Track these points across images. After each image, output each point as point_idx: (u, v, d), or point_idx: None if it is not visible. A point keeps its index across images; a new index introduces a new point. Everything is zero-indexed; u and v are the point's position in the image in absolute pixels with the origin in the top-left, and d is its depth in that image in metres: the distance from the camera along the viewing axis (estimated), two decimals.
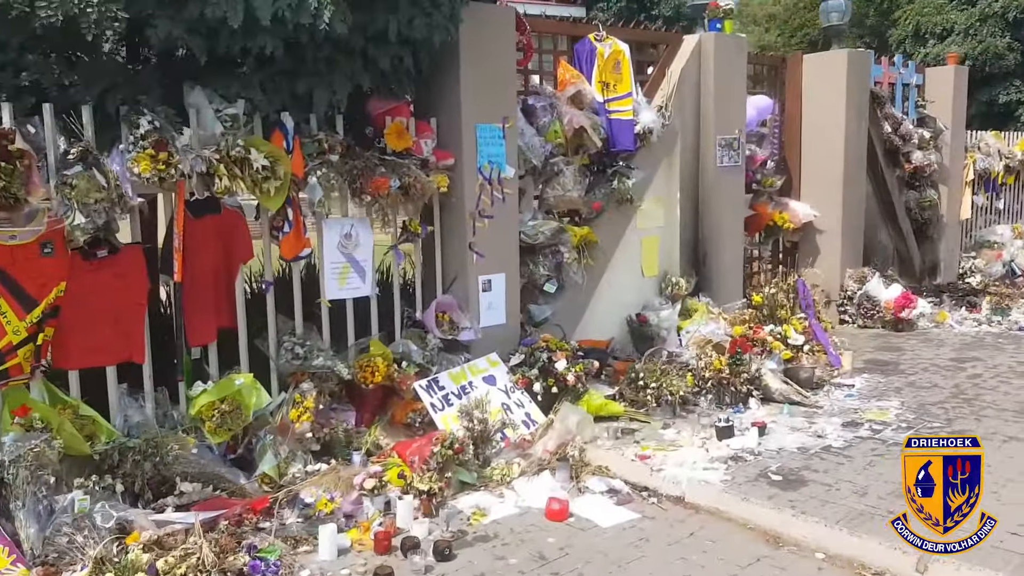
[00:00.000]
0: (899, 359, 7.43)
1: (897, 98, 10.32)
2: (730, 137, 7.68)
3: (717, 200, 7.66)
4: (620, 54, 6.89)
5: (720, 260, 7.73)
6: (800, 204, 9.25)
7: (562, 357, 5.75)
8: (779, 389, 6.21)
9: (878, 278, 9.06)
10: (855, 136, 9.09)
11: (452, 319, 5.74)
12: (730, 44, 7.63)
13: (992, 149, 11.99)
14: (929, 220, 10.71)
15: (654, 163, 7.28)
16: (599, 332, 6.97)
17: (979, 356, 7.44)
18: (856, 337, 8.46)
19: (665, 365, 6.22)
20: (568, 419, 5.32)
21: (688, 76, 7.47)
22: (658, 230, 7.52)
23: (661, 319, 7.23)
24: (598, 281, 6.94)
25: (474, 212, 5.74)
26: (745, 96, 7.91)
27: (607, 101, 6.82)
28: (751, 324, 7.06)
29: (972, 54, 16.14)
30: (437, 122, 5.72)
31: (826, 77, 9.05)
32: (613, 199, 6.87)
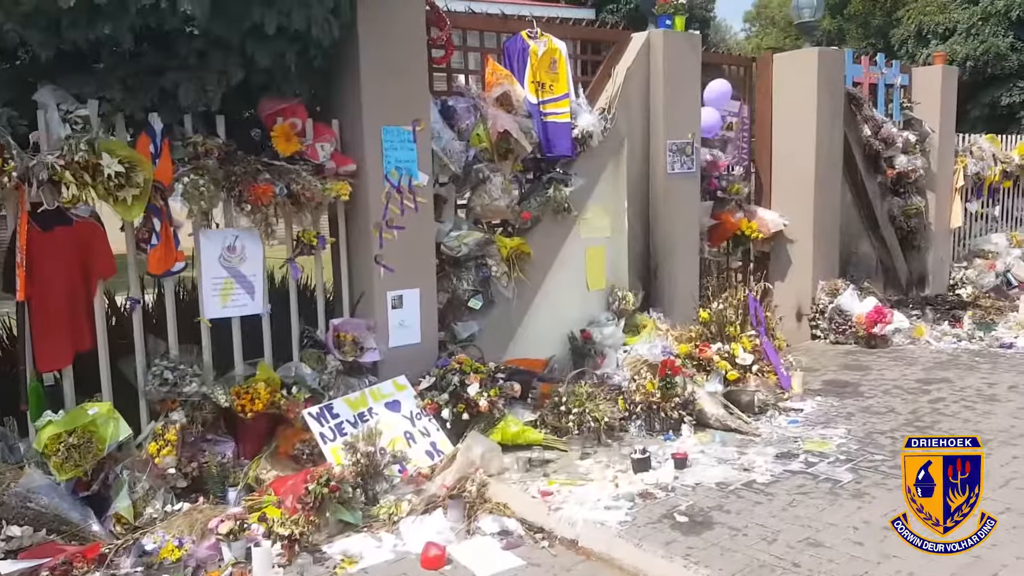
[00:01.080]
0: (861, 380, 6.95)
1: (879, 100, 9.83)
2: (682, 142, 7.23)
3: (668, 209, 7.22)
4: (556, 52, 6.47)
5: (673, 272, 7.28)
6: (769, 212, 8.79)
7: (476, 380, 5.33)
8: (715, 415, 5.77)
9: (852, 291, 8.57)
10: (828, 140, 8.61)
11: (356, 339, 5.34)
12: (681, 42, 7.19)
13: (986, 153, 11.45)
14: (915, 229, 10.20)
15: (597, 169, 6.85)
16: (538, 350, 6.55)
17: (949, 377, 6.95)
18: (824, 354, 7.98)
19: (594, 388, 5.78)
20: (472, 450, 4.89)
21: (635, 77, 7.03)
22: (604, 241, 7.09)
23: (605, 336, 6.81)
24: (535, 295, 6.52)
25: (380, 223, 5.34)
26: (699, 98, 7.46)
27: (542, 103, 6.40)
28: (697, 342, 6.62)
29: (974, 54, 15.59)
30: (340, 124, 5.33)
31: (796, 77, 8.58)
32: (549, 208, 6.44)
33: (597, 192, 6.91)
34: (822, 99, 8.47)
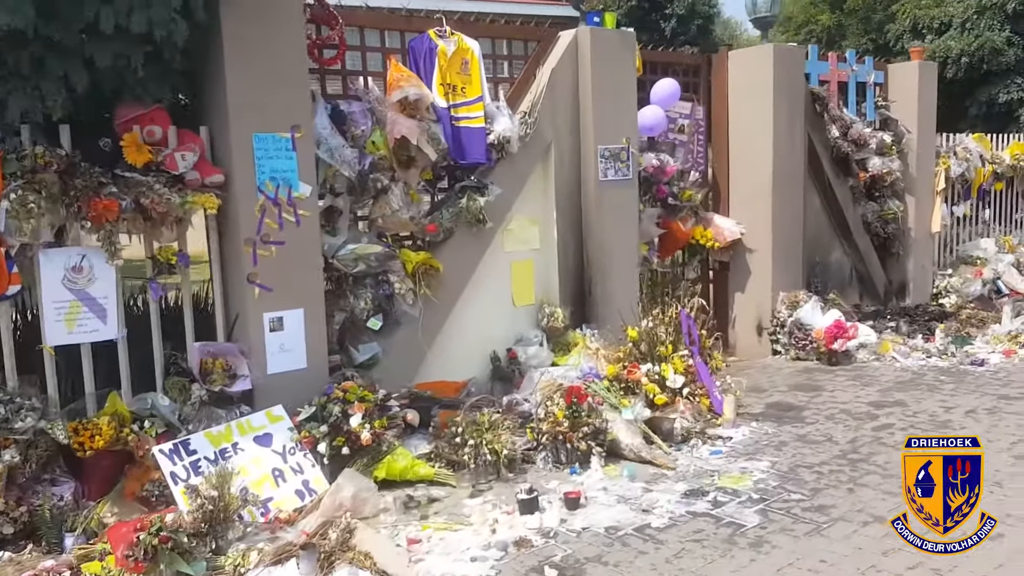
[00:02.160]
0: (808, 403, 6.49)
1: (850, 98, 9.36)
2: (616, 147, 6.81)
3: (601, 218, 6.79)
4: (467, 52, 6.08)
5: (609, 286, 6.85)
6: (726, 220, 8.35)
7: (360, 410, 4.93)
8: (630, 445, 5.33)
9: (814, 303, 8.10)
10: (787, 142, 8.15)
11: (228, 365, 4.95)
12: (612, 40, 6.76)
13: (972, 154, 10.93)
14: (893, 235, 9.71)
15: (519, 177, 6.44)
16: (457, 372, 6.16)
17: (904, 400, 6.48)
18: (779, 372, 7.53)
19: (503, 414, 5.36)
20: (342, 491, 4.48)
21: (562, 78, 6.61)
22: (532, 253, 6.69)
23: (529, 356, 6.41)
24: (450, 313, 6.12)
25: (254, 238, 4.95)
26: (634, 100, 7.03)
27: (453, 107, 6.01)
28: (626, 363, 6.19)
29: (968, 50, 15.03)
30: (210, 132, 4.95)
31: (751, 76, 8.13)
32: (464, 220, 6.04)
33: (521, 202, 6.51)
34: (779, 99, 8.02)
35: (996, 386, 6.75)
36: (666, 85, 7.76)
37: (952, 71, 15.36)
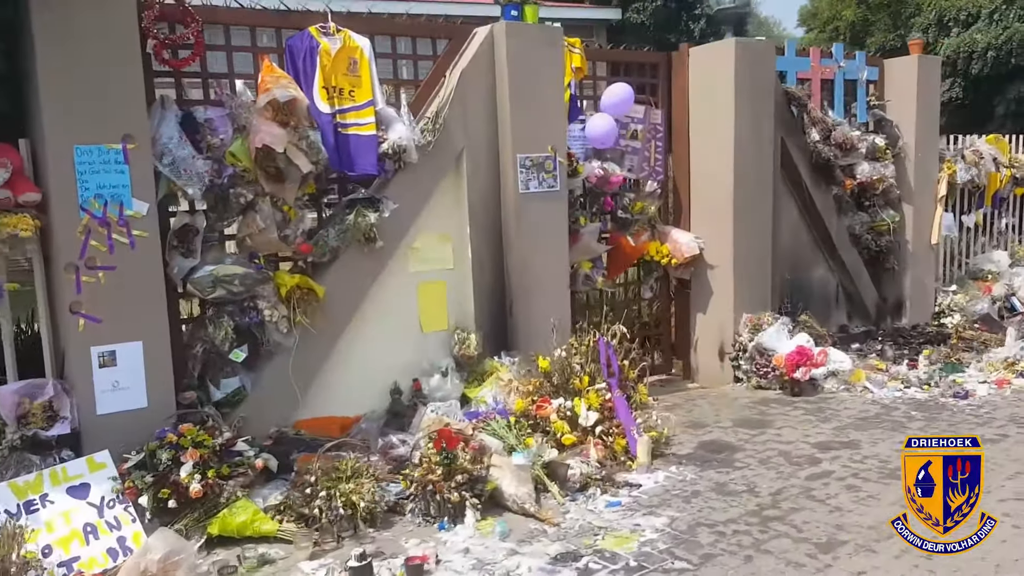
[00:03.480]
0: (748, 442, 5.82)
1: (836, 98, 8.61)
2: (539, 156, 6.21)
3: (523, 235, 6.20)
4: (356, 51, 5.54)
5: (533, 309, 6.24)
6: (684, 234, 7.69)
7: (192, 457, 4.42)
8: (514, 495, 4.73)
9: (779, 325, 7.38)
10: (752, 148, 7.46)
11: (50, 406, 4.48)
12: (534, 36, 6.17)
13: (985, 157, 10.08)
14: (887, 248, 8.93)
15: (424, 190, 5.89)
16: (350, 406, 5.64)
17: (860, 440, 5.76)
18: (732, 404, 6.85)
19: (368, 461, 4.80)
20: (151, 552, 3.93)
21: (475, 79, 6.04)
22: (445, 274, 6.13)
23: (432, 388, 5.85)
24: (337, 341, 5.60)
25: (77, 263, 4.48)
26: (562, 103, 6.41)
27: (338, 112, 5.49)
28: (536, 397, 5.60)
29: (995, 43, 14.06)
30: (31, 145, 4.49)
31: (712, 75, 7.47)
32: (353, 238, 5.51)
33: (427, 217, 5.96)
34: (742, 100, 7.33)
35: (972, 424, 6.00)
36: (617, 91, 7.14)
37: (978, 66, 14.42)
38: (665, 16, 27.91)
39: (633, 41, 21.04)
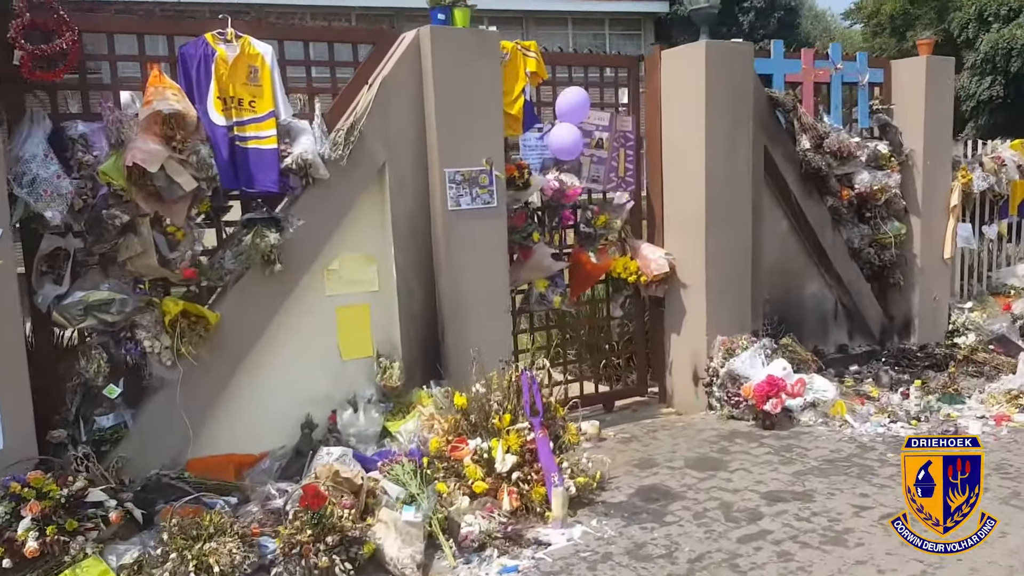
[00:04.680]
0: (692, 487, 5.14)
1: (833, 103, 7.83)
2: (472, 169, 5.62)
3: (453, 255, 5.62)
4: (257, 59, 5.02)
5: (467, 335, 5.65)
6: (654, 249, 7.01)
7: (33, 510, 3.96)
8: (396, 558, 4.15)
9: (755, 349, 6.65)
10: (726, 157, 6.74)
11: None
12: (465, 42, 5.57)
13: (1008, 164, 9.15)
14: (891, 262, 8.14)
15: (339, 207, 5.35)
16: (256, 442, 5.14)
17: (816, 490, 5.05)
18: (692, 438, 6.15)
19: (234, 516, 4.29)
20: None
21: (399, 88, 5.47)
22: (369, 297, 5.59)
23: (345, 423, 5.32)
24: (236, 371, 5.09)
25: None
26: (499, 112, 5.79)
27: (237, 124, 4.98)
28: (451, 437, 5.03)
29: None
30: None
31: (683, 80, 6.78)
32: (253, 260, 5.00)
33: (345, 236, 5.42)
34: (715, 105, 6.63)
35: None
36: (571, 96, 6.50)
37: (1018, 64, 13.32)
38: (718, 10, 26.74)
39: (681, 35, 20.20)
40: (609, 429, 6.40)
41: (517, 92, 6.19)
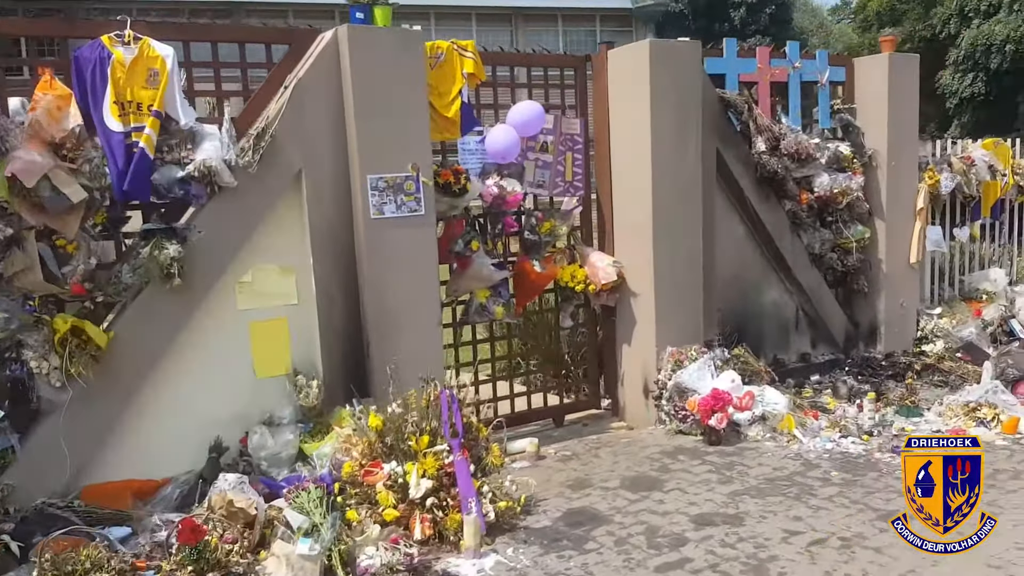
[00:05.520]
0: (622, 511, 4.83)
1: (791, 103, 7.53)
2: (398, 176, 5.34)
3: (377, 265, 5.32)
4: (157, 62, 4.72)
5: (393, 350, 5.37)
6: (603, 257, 6.72)
7: None
8: None
9: (704, 361, 6.35)
10: (674, 160, 6.45)
11: None
12: (386, 41, 5.27)
13: (978, 165, 8.85)
14: (856, 268, 7.84)
15: (251, 216, 5.05)
16: (159, 466, 4.86)
17: (749, 512, 4.75)
18: (635, 455, 5.85)
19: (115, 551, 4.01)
20: None
21: (316, 90, 5.18)
22: (287, 311, 5.29)
23: (255, 445, 5.04)
24: (138, 391, 4.80)
25: None
26: (425, 115, 5.51)
27: (135, 130, 4.69)
28: (364, 461, 4.74)
29: (1015, 35, 12.64)
30: None
31: (630, 80, 6.49)
32: (151, 274, 4.72)
33: (258, 247, 5.13)
34: (661, 107, 6.33)
35: (893, 494, 4.91)
36: (523, 110, 6.23)
37: (997, 61, 13.01)
38: (703, 5, 26.61)
39: (674, 31, 19.90)
40: (551, 446, 6.11)
41: (454, 94, 5.92)
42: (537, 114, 6.19)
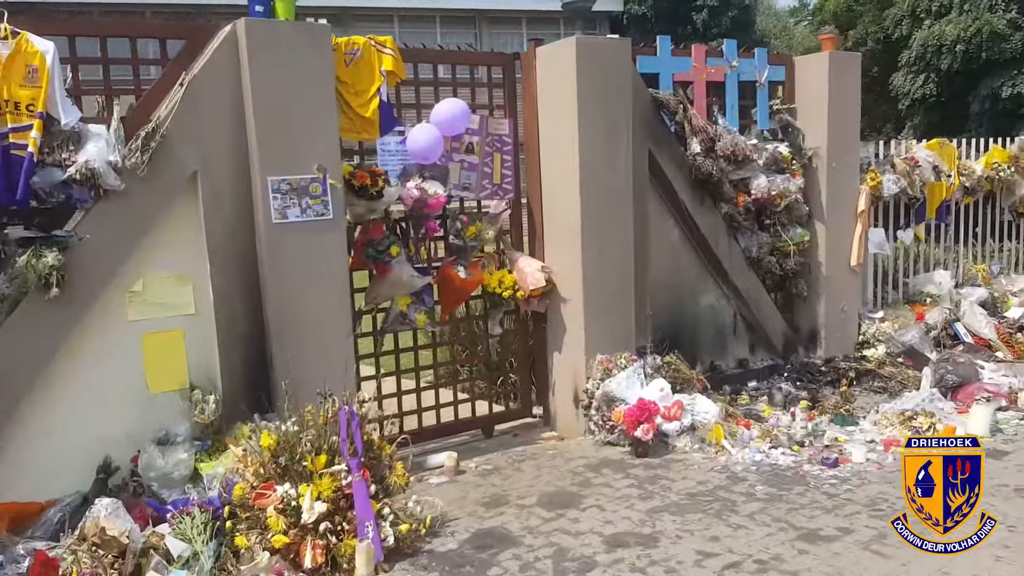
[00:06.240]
0: (532, 533, 4.55)
1: (728, 103, 7.31)
2: (303, 178, 5.03)
3: (279, 274, 5.01)
4: (35, 57, 4.39)
5: (300, 362, 5.05)
6: (531, 262, 6.45)
7: None
8: None
9: (634, 369, 6.11)
10: (603, 163, 6.19)
11: None
12: (289, 36, 4.95)
13: (923, 165, 8.68)
14: (795, 271, 7.64)
15: (141, 223, 4.71)
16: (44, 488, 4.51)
17: (663, 532, 4.49)
18: (558, 468, 5.59)
19: None
20: None
21: (213, 87, 4.85)
22: (183, 321, 4.96)
23: (144, 465, 4.71)
24: (16, 408, 4.46)
25: None
26: (333, 113, 5.22)
27: (11, 131, 4.35)
28: (256, 483, 4.43)
29: (965, 35, 12.53)
30: None
31: (558, 79, 6.23)
32: (30, 283, 4.37)
33: (149, 255, 4.79)
34: (588, 106, 6.07)
35: (817, 511, 4.69)
36: (447, 108, 5.91)
37: (947, 61, 12.91)
38: (667, 8, 26.47)
39: (636, 34, 19.69)
40: (474, 460, 5.83)
41: (372, 92, 5.64)
42: (461, 112, 5.91)
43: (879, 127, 17.26)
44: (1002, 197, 9.73)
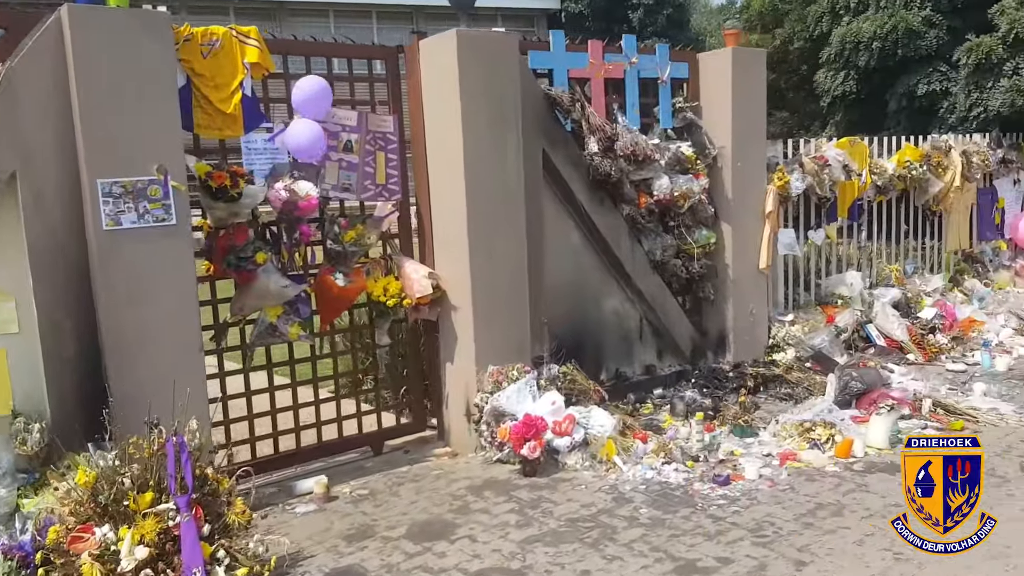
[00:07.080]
0: (390, 570, 4.08)
1: (629, 100, 6.89)
2: (139, 180, 4.46)
3: (113, 286, 4.43)
4: None
5: (141, 382, 4.48)
6: (418, 268, 5.95)
7: None
8: None
9: (525, 382, 5.65)
10: (491, 163, 5.72)
11: None
12: (122, 24, 4.35)
13: (832, 164, 8.39)
14: (701, 274, 7.26)
15: None
16: None
17: (534, 565, 4.03)
18: (438, 492, 5.09)
19: None
20: None
21: (35, 79, 4.22)
22: (3, 341, 4.37)
23: None
24: None
25: None
26: (174, 107, 4.63)
27: None
28: (71, 524, 3.87)
29: (880, 32, 12.34)
30: None
31: (441, 74, 5.74)
32: None
33: None
34: (473, 104, 5.59)
35: (699, 537, 4.28)
36: (307, 85, 5.40)
37: (865, 58, 12.72)
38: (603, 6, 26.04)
39: (572, 32, 19.24)
40: (350, 483, 5.33)
41: (234, 86, 5.11)
42: (320, 89, 5.37)
43: (807, 125, 17.13)
44: (915, 195, 9.50)
